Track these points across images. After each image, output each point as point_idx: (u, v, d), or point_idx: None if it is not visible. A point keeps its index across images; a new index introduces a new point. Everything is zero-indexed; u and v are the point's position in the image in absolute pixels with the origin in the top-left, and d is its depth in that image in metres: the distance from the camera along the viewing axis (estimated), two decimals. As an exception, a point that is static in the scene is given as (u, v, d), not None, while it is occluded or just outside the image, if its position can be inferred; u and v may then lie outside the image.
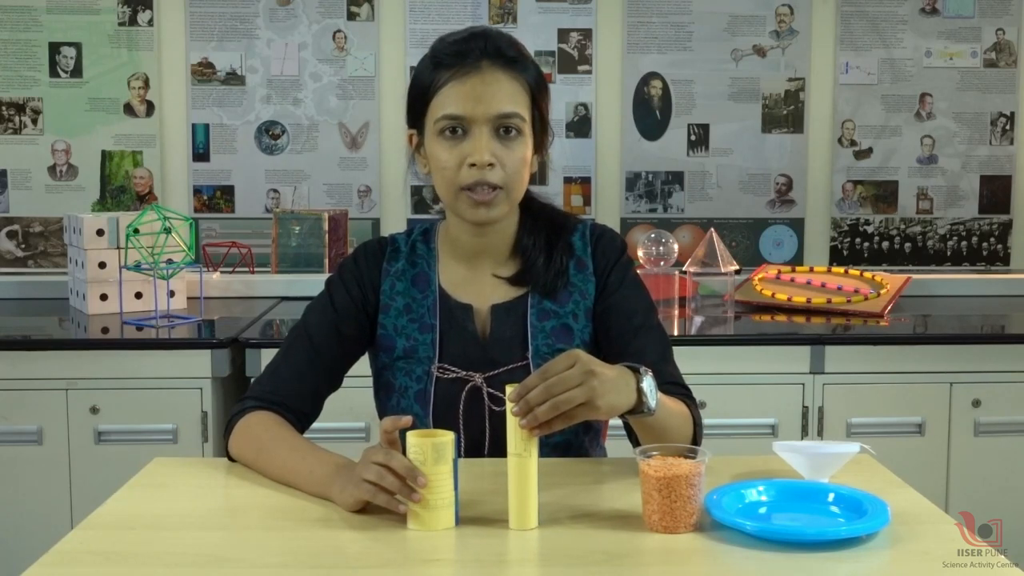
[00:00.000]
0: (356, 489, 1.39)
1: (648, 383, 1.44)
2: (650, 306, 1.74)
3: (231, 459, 1.66)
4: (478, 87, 1.60)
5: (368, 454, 1.40)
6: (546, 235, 1.73)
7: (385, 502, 1.36)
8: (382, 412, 1.77)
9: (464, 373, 1.67)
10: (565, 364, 1.36)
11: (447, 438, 1.38)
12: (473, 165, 1.59)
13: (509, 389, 1.38)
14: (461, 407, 1.67)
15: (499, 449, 1.62)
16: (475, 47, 1.62)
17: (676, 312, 3.05)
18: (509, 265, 1.73)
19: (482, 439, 1.68)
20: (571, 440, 1.70)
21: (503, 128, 1.61)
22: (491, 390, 1.66)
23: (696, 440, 1.60)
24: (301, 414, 1.69)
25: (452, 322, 1.70)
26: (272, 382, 1.70)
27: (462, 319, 1.70)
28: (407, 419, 1.41)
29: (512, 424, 1.37)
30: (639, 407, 1.44)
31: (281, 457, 1.56)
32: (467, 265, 1.73)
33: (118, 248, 2.96)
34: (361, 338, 1.74)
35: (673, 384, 1.68)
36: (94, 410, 2.65)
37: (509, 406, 1.37)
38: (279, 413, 1.65)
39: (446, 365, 1.68)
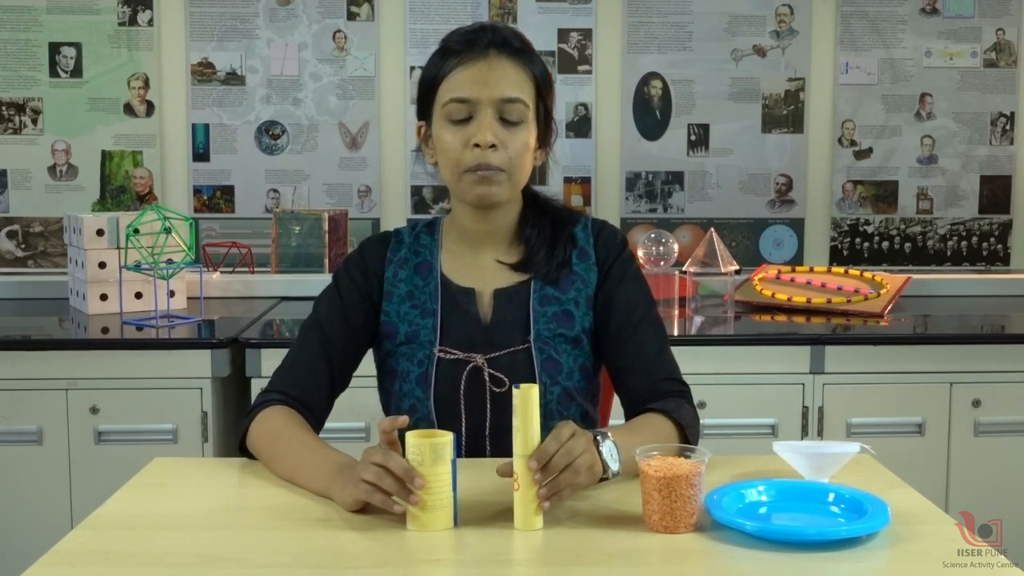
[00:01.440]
0: (355, 489, 1.40)
1: (607, 448, 1.46)
2: (650, 300, 1.77)
3: (242, 449, 1.67)
4: (484, 71, 1.65)
5: (367, 455, 1.40)
6: (550, 227, 1.75)
7: (381, 502, 1.36)
8: (385, 400, 1.79)
9: (465, 355, 1.69)
10: (569, 432, 1.40)
11: (446, 439, 1.38)
12: (477, 146, 1.63)
13: (517, 389, 1.38)
14: (462, 389, 1.68)
15: (500, 431, 1.64)
16: (483, 37, 1.67)
17: (676, 312, 3.05)
18: (512, 252, 1.75)
19: (483, 421, 1.69)
20: (573, 414, 1.71)
21: (507, 113, 1.65)
22: (492, 371, 1.68)
23: (688, 441, 1.60)
24: (318, 409, 1.72)
25: (454, 306, 1.72)
26: (291, 375, 1.73)
27: (464, 303, 1.72)
28: (404, 419, 1.41)
29: (520, 429, 1.37)
30: (604, 472, 1.46)
31: (292, 453, 1.58)
32: (470, 251, 1.75)
33: (118, 248, 2.96)
34: (368, 327, 1.76)
35: (668, 380, 1.71)
36: (94, 410, 2.65)
37: (516, 397, 1.37)
38: (298, 410, 1.68)
39: (447, 347, 1.69)
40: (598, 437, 1.46)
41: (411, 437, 1.38)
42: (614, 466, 1.46)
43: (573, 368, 1.71)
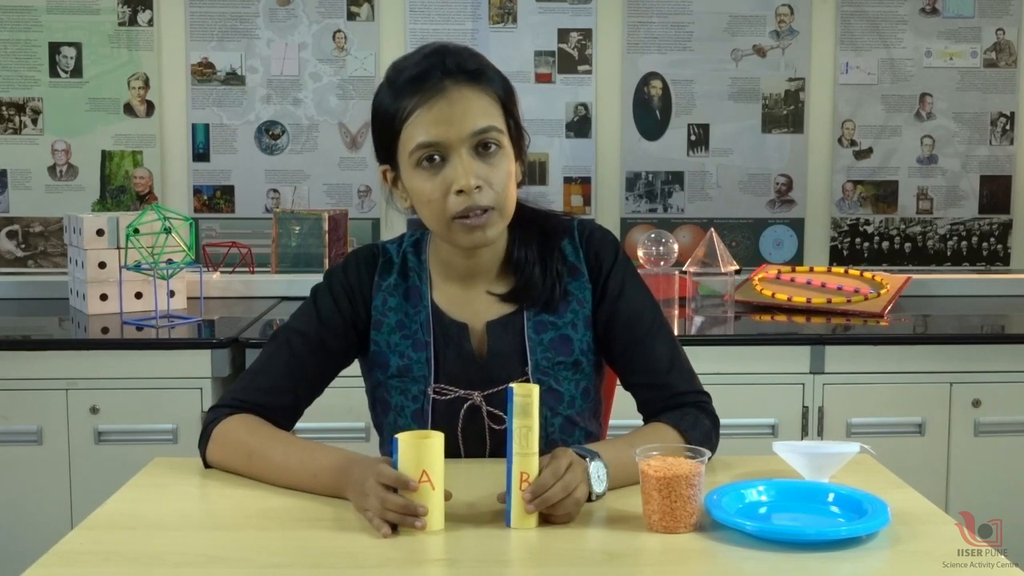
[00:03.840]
0: (359, 509, 1.40)
1: (594, 468, 1.42)
2: (654, 307, 1.71)
3: (207, 467, 1.63)
4: (446, 109, 1.52)
5: (367, 487, 1.38)
6: (538, 245, 1.68)
7: (378, 527, 1.36)
8: (379, 427, 1.75)
9: (462, 392, 1.65)
10: (566, 463, 1.38)
11: (435, 440, 1.37)
12: (460, 192, 1.53)
13: (514, 386, 1.38)
14: (460, 426, 1.65)
15: None
16: (434, 66, 1.54)
17: (676, 312, 3.05)
18: (502, 281, 1.69)
19: (482, 456, 1.66)
20: (576, 440, 1.69)
21: (482, 145, 1.54)
22: (490, 408, 1.64)
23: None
24: (277, 423, 1.64)
25: (447, 340, 1.66)
26: (251, 387, 1.66)
27: (458, 338, 1.66)
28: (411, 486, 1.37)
29: (515, 424, 1.37)
30: (588, 495, 1.43)
31: (277, 460, 1.54)
32: (460, 284, 1.68)
33: (118, 248, 2.96)
34: (347, 352, 1.70)
35: (686, 392, 1.66)
36: (94, 410, 2.65)
37: (517, 396, 1.37)
38: (258, 415, 1.63)
39: (443, 385, 1.65)
40: (587, 458, 1.43)
41: (402, 440, 1.38)
42: (598, 488, 1.43)
43: (575, 394, 1.68)
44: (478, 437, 1.65)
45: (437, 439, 1.38)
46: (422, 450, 1.37)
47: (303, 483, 1.52)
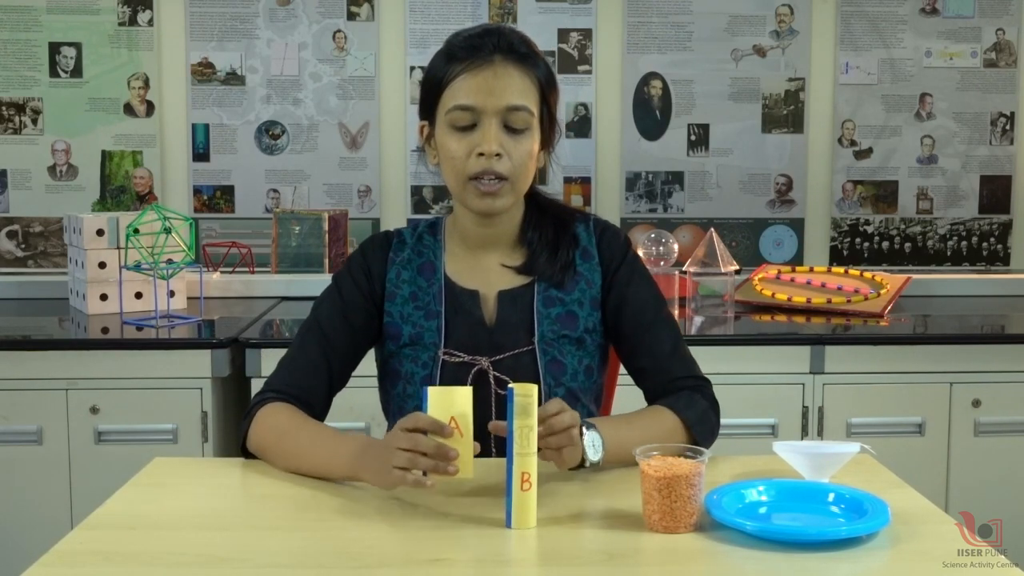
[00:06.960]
0: (388, 477, 1.41)
1: (589, 438, 1.48)
2: (660, 299, 1.79)
3: (245, 451, 1.67)
4: (489, 79, 1.64)
5: (392, 439, 1.41)
6: (552, 229, 1.76)
7: (414, 483, 1.38)
8: (386, 402, 1.79)
9: (470, 358, 1.70)
10: (556, 407, 1.45)
11: (466, 390, 1.42)
12: (481, 155, 1.63)
13: (514, 386, 1.38)
14: None
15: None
16: (488, 42, 1.66)
17: (676, 312, 3.05)
18: (516, 255, 1.76)
19: (487, 420, 1.68)
20: None
21: (512, 121, 1.65)
22: (497, 374, 1.69)
23: (695, 437, 1.62)
24: (317, 407, 1.72)
25: (458, 308, 1.72)
26: (290, 375, 1.72)
27: (468, 305, 1.73)
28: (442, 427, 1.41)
29: (515, 424, 1.37)
30: (583, 461, 1.49)
31: (302, 444, 1.59)
32: (474, 254, 1.76)
33: (118, 248, 2.96)
34: (369, 328, 1.76)
35: (684, 378, 1.73)
36: (94, 410, 2.65)
37: (518, 396, 1.37)
38: (296, 405, 1.68)
39: (452, 350, 1.70)
40: (583, 426, 1.48)
41: (432, 390, 1.42)
42: (593, 456, 1.48)
43: (577, 369, 1.72)
44: (484, 402, 1.69)
45: (467, 390, 1.42)
46: (452, 397, 1.40)
47: (322, 465, 1.56)
